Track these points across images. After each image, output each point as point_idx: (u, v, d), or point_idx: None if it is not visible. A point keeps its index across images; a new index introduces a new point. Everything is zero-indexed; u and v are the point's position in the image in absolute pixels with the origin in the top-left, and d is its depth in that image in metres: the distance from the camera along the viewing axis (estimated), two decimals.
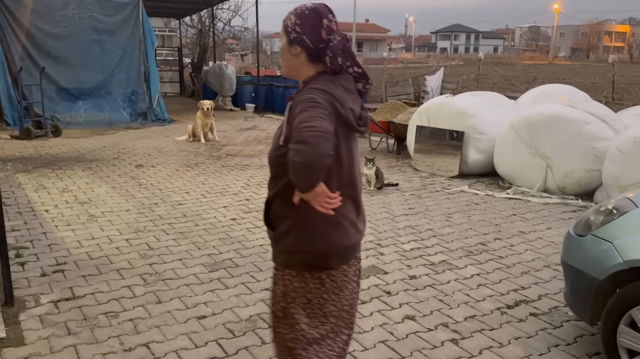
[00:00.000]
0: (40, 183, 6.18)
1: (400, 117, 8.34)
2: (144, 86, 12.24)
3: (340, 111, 1.68)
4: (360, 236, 1.87)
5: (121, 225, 4.77)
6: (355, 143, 1.83)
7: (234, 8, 21.53)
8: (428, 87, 13.39)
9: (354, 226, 1.83)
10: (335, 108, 1.66)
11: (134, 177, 6.72)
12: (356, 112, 1.75)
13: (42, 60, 10.88)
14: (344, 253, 1.83)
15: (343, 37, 1.78)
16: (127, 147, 8.88)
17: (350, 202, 1.82)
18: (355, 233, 1.84)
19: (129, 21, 11.95)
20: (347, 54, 1.76)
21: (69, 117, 11.19)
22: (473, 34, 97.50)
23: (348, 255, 1.85)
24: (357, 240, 1.86)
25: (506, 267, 3.96)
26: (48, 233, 4.47)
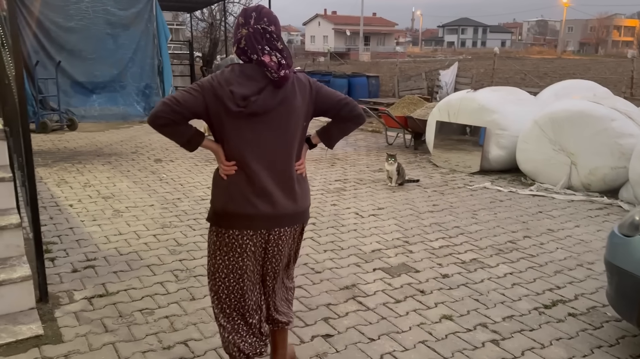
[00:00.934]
0: (61, 177, 6.18)
1: (418, 112, 8.27)
2: (157, 80, 12.21)
3: (217, 91, 2.01)
4: (252, 210, 2.09)
5: (147, 220, 4.75)
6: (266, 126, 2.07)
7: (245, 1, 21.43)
8: (442, 82, 13.31)
9: (245, 197, 2.09)
10: (212, 89, 2.01)
11: (154, 171, 6.70)
12: (238, 93, 2.00)
13: (56, 54, 10.86)
14: (229, 217, 2.12)
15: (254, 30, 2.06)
16: (144, 141, 8.87)
17: (244, 175, 2.09)
18: (245, 204, 2.09)
19: (142, 15, 11.90)
20: (250, 45, 2.05)
21: (83, 111, 11.18)
22: (480, 28, 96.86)
23: (237, 221, 2.12)
24: (246, 212, 2.09)
25: (539, 266, 3.91)
26: (75, 228, 4.46)
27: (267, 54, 2.05)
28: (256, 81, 2.03)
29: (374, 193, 5.85)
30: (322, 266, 3.80)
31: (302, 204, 2.22)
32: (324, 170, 6.99)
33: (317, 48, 65.07)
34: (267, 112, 2.06)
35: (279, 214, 2.13)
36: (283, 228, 2.18)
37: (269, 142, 2.09)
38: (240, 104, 2.01)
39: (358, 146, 8.87)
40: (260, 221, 2.12)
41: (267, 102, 2.04)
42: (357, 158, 7.84)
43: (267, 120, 2.07)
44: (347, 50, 58.75)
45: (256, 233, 2.14)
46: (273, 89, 2.06)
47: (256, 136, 2.08)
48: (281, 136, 2.12)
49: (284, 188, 2.14)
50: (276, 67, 2.03)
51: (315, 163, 7.41)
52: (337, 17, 73.54)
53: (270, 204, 2.10)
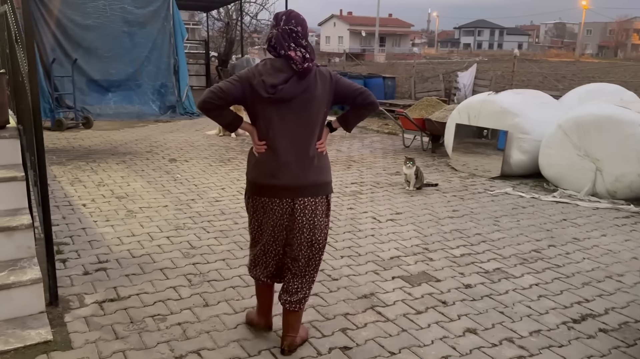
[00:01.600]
0: (75, 176, 6.13)
1: (436, 114, 8.11)
2: (173, 79, 12.18)
3: (251, 81, 2.42)
4: (275, 181, 2.50)
5: (160, 221, 4.66)
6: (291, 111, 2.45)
7: (262, 1, 21.38)
8: (460, 84, 13.09)
9: (271, 171, 2.50)
10: (248, 79, 2.44)
11: (168, 171, 6.63)
12: (268, 82, 2.40)
13: (73, 52, 10.88)
14: (256, 187, 2.58)
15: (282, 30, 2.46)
16: (159, 140, 8.82)
17: (271, 152, 2.50)
18: (271, 177, 2.51)
19: (159, 13, 11.89)
20: (279, 43, 2.44)
21: (98, 109, 11.18)
22: (497, 30, 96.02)
23: (260, 190, 2.56)
24: (271, 183, 2.51)
25: (565, 277, 3.74)
26: (87, 228, 4.39)
27: (293, 49, 2.43)
28: (283, 72, 2.42)
29: (392, 197, 5.71)
30: (339, 273, 3.67)
31: (323, 177, 2.59)
32: (340, 172, 6.86)
33: (332, 48, 64.95)
34: (292, 98, 2.44)
35: (300, 185, 2.50)
36: (307, 198, 2.53)
37: (292, 124, 2.48)
38: (269, 91, 2.41)
39: (374, 148, 8.73)
40: (284, 191, 2.50)
41: (292, 90, 2.43)
42: (374, 160, 7.70)
43: (291, 105, 2.45)
44: (363, 51, 58.57)
45: (282, 201, 2.52)
46: (297, 79, 2.43)
47: (282, 118, 2.46)
48: (304, 119, 2.49)
49: (306, 164, 2.50)
50: (301, 60, 2.41)
51: (331, 165, 7.27)
52: (352, 17, 73.39)
53: (292, 176, 2.48)
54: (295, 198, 2.52)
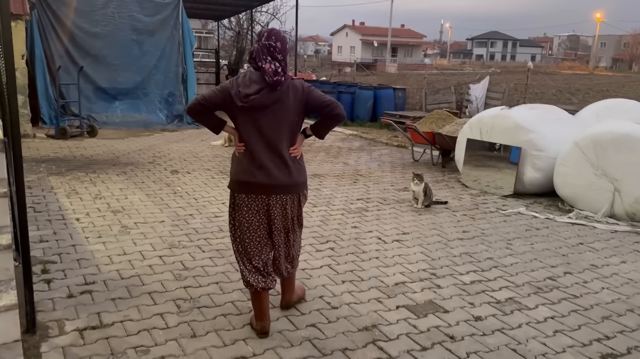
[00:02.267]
0: (72, 187, 5.96)
1: (447, 128, 7.86)
2: (181, 88, 12.08)
3: (230, 91, 2.74)
4: (252, 179, 2.80)
5: (155, 238, 4.46)
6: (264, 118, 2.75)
7: (273, 11, 21.33)
8: (472, 96, 12.84)
9: (248, 170, 2.81)
10: (227, 89, 2.76)
11: (169, 183, 6.44)
12: (242, 92, 2.71)
13: (80, 59, 10.80)
14: (239, 184, 2.86)
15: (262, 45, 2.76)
16: (163, 150, 8.65)
17: (249, 153, 2.81)
18: (249, 175, 2.81)
19: (168, 22, 11.81)
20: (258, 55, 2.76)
21: (105, 117, 11.09)
22: (510, 42, 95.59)
23: (242, 187, 2.85)
24: (246, 180, 2.82)
25: (583, 309, 3.47)
26: (78, 245, 4.19)
27: (268, 62, 2.72)
28: (257, 84, 2.73)
29: (399, 215, 5.46)
30: (339, 301, 3.43)
31: (295, 178, 2.87)
32: (346, 187, 6.63)
33: (343, 58, 64.97)
34: (264, 107, 2.74)
35: (273, 184, 2.81)
36: (279, 195, 2.85)
37: (266, 130, 2.78)
38: (243, 101, 2.72)
39: (382, 161, 8.50)
40: (259, 188, 2.81)
41: (263, 100, 2.73)
42: (381, 175, 7.46)
43: (264, 113, 2.75)
44: (374, 61, 58.45)
45: (258, 197, 2.84)
46: (269, 91, 2.73)
47: (256, 125, 2.77)
48: (276, 126, 2.78)
49: (279, 165, 2.81)
50: (272, 73, 2.70)
51: (337, 179, 7.06)
52: (365, 28, 73.39)
53: (266, 176, 2.79)
54: (269, 195, 2.85)
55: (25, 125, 8.99)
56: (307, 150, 9.33)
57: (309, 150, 9.34)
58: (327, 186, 6.61)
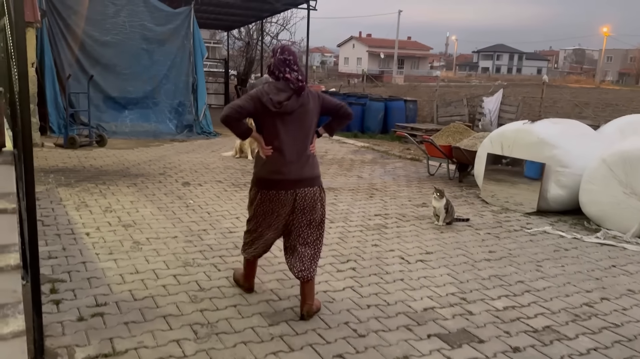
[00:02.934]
0: (82, 199, 5.78)
1: (465, 142, 7.66)
2: (191, 98, 11.95)
3: (261, 99, 3.06)
4: (280, 176, 3.15)
5: (168, 255, 4.26)
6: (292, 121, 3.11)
7: (282, 22, 21.29)
8: (485, 109, 12.65)
9: (277, 168, 3.15)
10: (258, 97, 3.08)
11: (181, 196, 6.26)
12: (274, 99, 3.05)
13: (90, 68, 10.70)
14: (265, 182, 3.19)
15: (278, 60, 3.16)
16: (173, 161, 8.49)
17: (277, 153, 3.15)
18: (275, 173, 3.15)
19: (179, 31, 11.70)
20: (277, 69, 3.15)
21: (114, 127, 10.95)
22: (516, 55, 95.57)
23: (269, 184, 3.18)
24: (275, 178, 3.16)
25: (627, 340, 3.24)
26: (88, 262, 3.99)
27: (289, 73, 3.13)
28: (285, 92, 3.09)
29: (420, 232, 5.25)
30: (366, 328, 3.21)
31: (315, 172, 3.28)
32: (363, 202, 6.43)
33: (350, 69, 65.03)
34: (292, 111, 3.10)
35: (300, 178, 3.16)
36: (305, 188, 3.20)
37: (292, 131, 3.13)
38: (276, 106, 3.07)
39: (397, 175, 8.29)
40: (288, 183, 3.15)
41: (292, 105, 3.10)
42: (397, 189, 7.26)
43: (292, 117, 3.11)
44: (381, 73, 58.43)
45: (287, 192, 3.16)
46: (296, 97, 3.10)
47: (285, 127, 3.12)
48: (301, 127, 3.15)
49: (303, 161, 3.19)
50: (296, 81, 3.10)
51: (352, 193, 6.86)
52: (371, 39, 73.60)
53: (293, 172, 3.14)
54: (297, 189, 3.19)
55: (34, 134, 8.84)
56: (320, 162, 9.13)
57: (321, 162, 9.15)
58: (343, 201, 6.40)
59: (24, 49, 2.56)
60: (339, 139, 12.36)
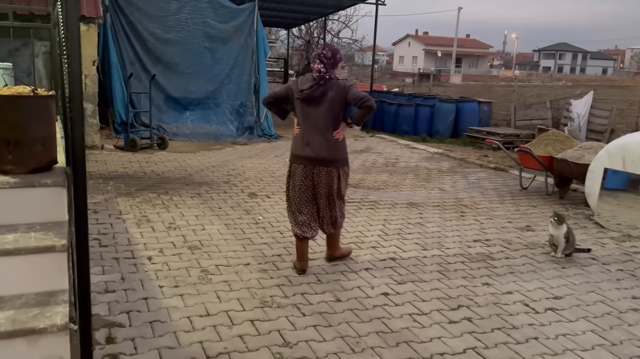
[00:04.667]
0: (143, 213, 5.22)
1: (569, 153, 6.63)
2: (252, 99, 11.39)
3: (292, 86, 3.87)
4: (302, 152, 3.84)
5: (242, 290, 3.58)
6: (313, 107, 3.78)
7: (344, 19, 20.51)
8: (573, 113, 11.41)
9: (299, 146, 3.86)
10: (290, 85, 3.91)
11: (249, 210, 5.60)
12: (300, 88, 3.77)
13: (152, 67, 10.30)
14: (293, 157, 3.94)
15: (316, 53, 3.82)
16: (237, 167, 7.89)
17: (299, 135, 3.86)
18: (299, 149, 3.87)
19: (243, 29, 11.16)
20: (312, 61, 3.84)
21: (175, 128, 10.53)
22: (580, 54, 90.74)
23: (295, 159, 3.91)
24: (298, 153, 3.88)
25: None
26: (150, 298, 3.36)
27: (317, 64, 3.75)
28: (309, 82, 3.76)
29: (537, 267, 4.34)
30: None
31: (333, 155, 3.83)
32: (454, 222, 5.56)
33: (405, 68, 63.61)
34: (313, 99, 3.76)
35: (315, 157, 3.79)
36: (321, 167, 3.81)
37: (312, 116, 3.79)
38: (298, 94, 3.78)
39: (484, 188, 7.35)
40: (306, 160, 3.83)
41: (312, 93, 3.74)
42: (490, 206, 6.33)
43: (313, 104, 3.77)
44: (438, 72, 56.68)
45: (306, 167, 3.84)
46: (317, 87, 3.73)
47: (306, 112, 3.81)
48: (320, 113, 3.77)
49: (321, 143, 3.78)
50: (317, 71, 3.73)
51: (439, 211, 6.00)
52: (428, 37, 71.72)
53: (310, 151, 3.80)
54: (313, 167, 3.79)
55: (94, 136, 8.49)
56: (392, 171, 8.33)
57: (394, 171, 8.33)
58: (431, 221, 5.56)
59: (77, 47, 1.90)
60: (407, 144, 11.47)
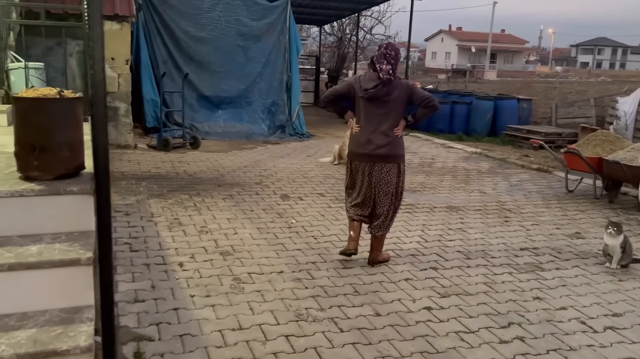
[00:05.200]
0: (175, 215, 5.11)
1: (621, 154, 6.22)
2: (284, 97, 11.24)
3: (354, 85, 3.96)
4: (362, 150, 3.94)
5: (275, 301, 3.40)
6: (376, 106, 3.87)
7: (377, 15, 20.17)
8: (620, 111, 10.85)
9: (359, 143, 3.96)
10: (352, 83, 4.00)
11: (281, 213, 5.44)
12: (364, 87, 3.85)
13: (185, 65, 10.25)
14: (351, 154, 4.06)
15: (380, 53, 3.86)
16: (269, 167, 7.75)
17: (362, 131, 3.95)
18: (359, 147, 3.97)
19: (275, 26, 11.01)
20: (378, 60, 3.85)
21: (207, 127, 10.47)
22: (620, 49, 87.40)
23: (357, 156, 3.99)
24: (358, 151, 3.98)
25: None
26: (181, 309, 3.22)
27: (384, 64, 3.81)
28: (374, 81, 3.83)
29: (591, 280, 4.03)
30: None
31: (393, 151, 3.93)
32: (498, 228, 5.26)
33: (437, 64, 62.60)
34: (377, 98, 3.85)
35: (374, 154, 3.90)
36: (381, 163, 3.92)
37: (376, 115, 3.89)
38: (363, 93, 3.87)
39: (528, 191, 6.99)
40: (365, 157, 3.94)
41: (377, 93, 3.83)
42: (535, 211, 6.00)
43: (376, 103, 3.87)
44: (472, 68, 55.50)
45: (365, 163, 3.96)
46: (382, 86, 3.81)
47: (369, 111, 3.91)
48: (383, 112, 3.88)
49: (382, 140, 3.89)
50: (386, 72, 3.79)
51: (481, 215, 5.71)
52: (462, 33, 70.36)
53: (372, 148, 3.89)
54: (373, 163, 3.92)
55: (127, 135, 8.48)
56: (429, 171, 8.04)
57: (431, 172, 8.03)
58: (474, 227, 5.28)
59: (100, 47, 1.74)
60: (444, 143, 11.13)
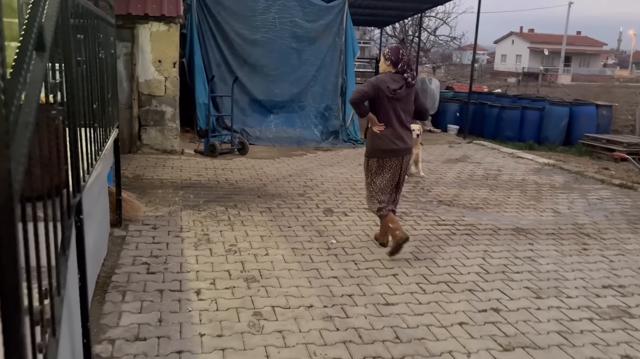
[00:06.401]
0: (205, 230, 4.70)
1: None
2: (339, 101, 10.71)
3: (380, 86, 4.22)
4: (395, 146, 4.31)
5: (298, 347, 2.86)
6: (400, 105, 4.30)
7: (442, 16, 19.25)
8: None
9: (391, 141, 4.31)
10: (378, 85, 4.24)
11: (321, 231, 4.90)
12: (391, 87, 4.21)
13: (238, 69, 9.97)
14: (384, 152, 4.34)
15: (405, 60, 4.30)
16: (316, 177, 7.24)
17: (390, 129, 4.31)
18: (391, 144, 4.31)
19: (331, 27, 10.52)
20: (407, 66, 4.31)
21: (258, 132, 10.13)
22: None
23: (385, 154, 4.33)
24: (391, 148, 4.31)
25: None
26: (185, 353, 2.74)
27: (409, 72, 4.32)
28: (398, 82, 4.25)
29: None
30: None
31: (411, 143, 4.47)
32: (575, 258, 4.46)
33: (507, 67, 59.98)
34: (402, 98, 4.29)
35: (405, 148, 4.36)
36: (407, 156, 4.43)
37: (401, 112, 4.32)
38: (392, 93, 4.23)
39: (609, 211, 6.06)
40: (399, 152, 4.33)
41: (403, 93, 4.28)
42: (619, 237, 5.11)
43: (402, 102, 4.30)
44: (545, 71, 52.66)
45: (398, 158, 4.35)
46: (406, 87, 4.28)
47: (396, 109, 4.30)
48: (407, 110, 4.37)
49: (406, 136, 4.39)
50: (411, 78, 4.29)
51: (555, 241, 4.90)
52: (534, 35, 67.12)
53: (402, 143, 4.33)
54: (404, 156, 4.39)
55: (173, 141, 8.25)
56: (494, 185, 7.24)
57: (496, 186, 7.23)
58: (545, 256, 4.51)
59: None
60: (511, 152, 10.18)
